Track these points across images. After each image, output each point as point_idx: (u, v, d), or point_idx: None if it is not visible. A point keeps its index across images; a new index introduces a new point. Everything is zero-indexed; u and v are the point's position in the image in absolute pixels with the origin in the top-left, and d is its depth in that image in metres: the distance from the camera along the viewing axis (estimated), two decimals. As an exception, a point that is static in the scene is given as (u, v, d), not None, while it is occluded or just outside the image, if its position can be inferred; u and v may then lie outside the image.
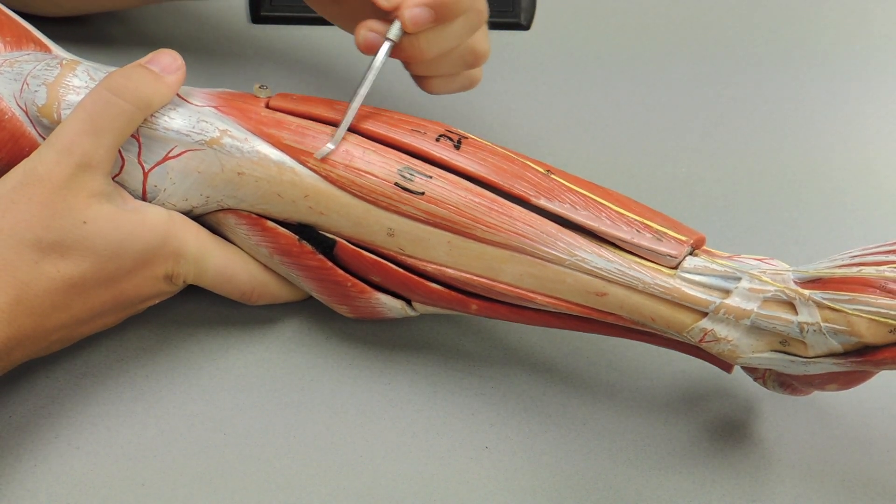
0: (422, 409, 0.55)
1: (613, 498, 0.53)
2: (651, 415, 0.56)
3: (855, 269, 0.47)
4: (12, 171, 0.50)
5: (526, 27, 0.75)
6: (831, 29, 0.76)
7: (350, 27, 0.59)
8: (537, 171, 0.53)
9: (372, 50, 0.54)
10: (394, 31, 0.53)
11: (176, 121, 0.52)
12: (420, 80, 0.58)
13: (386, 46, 0.53)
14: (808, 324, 0.47)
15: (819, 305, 0.47)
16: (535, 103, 0.70)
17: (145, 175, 0.53)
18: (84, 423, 0.54)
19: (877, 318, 0.46)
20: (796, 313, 0.48)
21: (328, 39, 0.72)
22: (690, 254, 0.50)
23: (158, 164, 0.52)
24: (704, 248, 0.52)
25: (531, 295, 0.52)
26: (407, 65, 0.57)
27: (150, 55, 0.53)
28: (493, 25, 0.74)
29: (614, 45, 0.74)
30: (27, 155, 0.51)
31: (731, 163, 0.67)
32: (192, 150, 0.52)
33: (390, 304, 0.55)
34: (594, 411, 0.56)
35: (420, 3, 0.52)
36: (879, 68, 0.74)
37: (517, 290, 0.52)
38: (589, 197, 0.52)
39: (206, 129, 0.53)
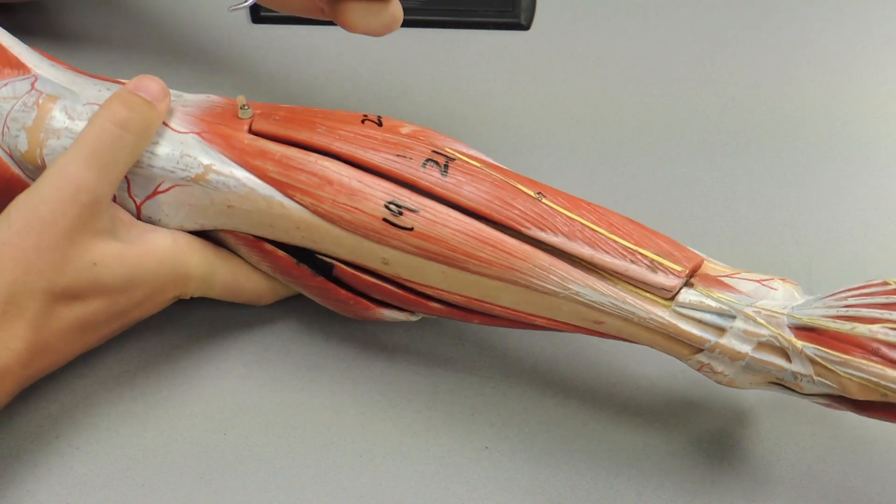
0: (422, 409, 0.55)
1: (613, 498, 0.53)
2: (651, 415, 0.56)
3: (849, 325, 0.46)
4: (13, 207, 0.49)
5: (526, 27, 0.75)
6: (831, 30, 0.76)
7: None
8: (528, 195, 0.51)
9: None
10: None
11: (159, 157, 0.51)
12: (341, 12, 0.55)
13: None
14: (801, 374, 0.47)
15: (811, 360, 0.47)
16: (535, 103, 0.70)
17: (138, 208, 0.52)
18: (84, 423, 0.54)
19: (868, 384, 0.46)
20: (790, 361, 0.48)
21: (328, 39, 0.72)
22: (687, 283, 0.49)
23: (149, 198, 0.52)
24: (703, 267, 0.50)
25: (530, 317, 0.52)
26: None
27: (136, 82, 0.51)
28: (493, 25, 0.74)
29: (614, 46, 0.74)
30: (19, 192, 0.49)
31: (732, 162, 0.67)
32: (180, 186, 0.52)
33: (394, 316, 0.55)
34: (594, 411, 0.56)
35: None
36: (879, 66, 0.74)
37: (516, 313, 0.52)
38: (582, 224, 0.50)
39: (190, 164, 0.51)
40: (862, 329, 0.46)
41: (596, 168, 0.66)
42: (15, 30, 0.58)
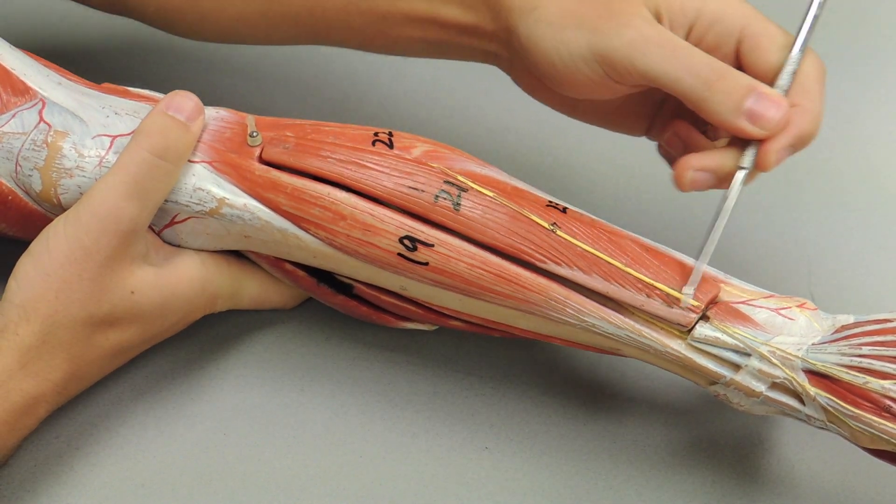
0: (422, 409, 0.55)
1: (613, 498, 0.53)
2: (651, 415, 0.56)
3: (861, 378, 0.47)
4: (52, 235, 0.49)
5: (526, 27, 0.74)
6: (830, 30, 0.76)
7: (600, 122, 0.57)
8: (543, 227, 0.50)
9: (697, 189, 0.49)
10: (748, 159, 0.48)
11: (173, 189, 0.51)
12: None
13: (741, 176, 0.48)
14: (814, 418, 0.48)
15: (824, 409, 0.47)
16: (535, 104, 0.70)
17: (157, 235, 0.53)
18: (84, 423, 0.54)
19: (878, 438, 0.47)
20: (804, 404, 0.48)
21: (328, 40, 0.72)
22: (703, 316, 0.49)
23: (167, 227, 0.52)
24: (719, 294, 0.50)
25: (549, 339, 0.52)
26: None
27: (170, 100, 0.51)
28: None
29: (614, 46, 0.74)
30: (41, 228, 0.50)
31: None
32: (195, 217, 0.52)
33: (415, 326, 0.55)
34: (594, 411, 0.56)
35: (788, 145, 0.48)
36: (878, 71, 0.74)
37: (536, 335, 0.52)
38: (597, 256, 0.50)
39: (204, 198, 0.51)
40: (875, 385, 0.46)
41: (596, 167, 0.66)
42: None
